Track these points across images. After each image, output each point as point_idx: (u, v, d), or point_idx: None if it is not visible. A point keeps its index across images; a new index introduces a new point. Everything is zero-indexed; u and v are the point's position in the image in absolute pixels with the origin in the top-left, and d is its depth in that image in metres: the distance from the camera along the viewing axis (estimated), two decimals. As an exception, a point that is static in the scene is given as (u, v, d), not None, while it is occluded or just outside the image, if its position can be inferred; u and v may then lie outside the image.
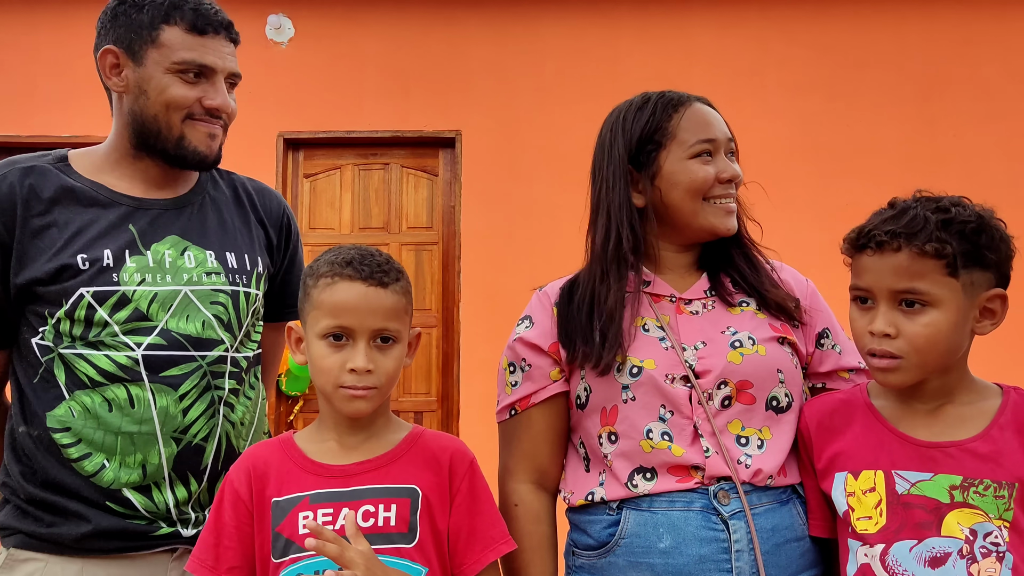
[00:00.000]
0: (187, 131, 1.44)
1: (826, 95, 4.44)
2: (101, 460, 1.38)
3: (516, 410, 1.42)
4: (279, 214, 1.62)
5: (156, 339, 1.39)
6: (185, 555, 1.38)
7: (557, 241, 4.51)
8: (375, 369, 1.22)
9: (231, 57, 1.48)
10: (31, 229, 1.39)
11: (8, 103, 4.46)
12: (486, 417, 4.20)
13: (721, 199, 1.39)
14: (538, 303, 1.47)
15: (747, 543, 1.27)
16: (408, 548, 1.21)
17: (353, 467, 1.25)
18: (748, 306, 1.41)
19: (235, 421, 1.47)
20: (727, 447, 1.30)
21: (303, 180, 4.59)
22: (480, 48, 4.54)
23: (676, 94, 1.44)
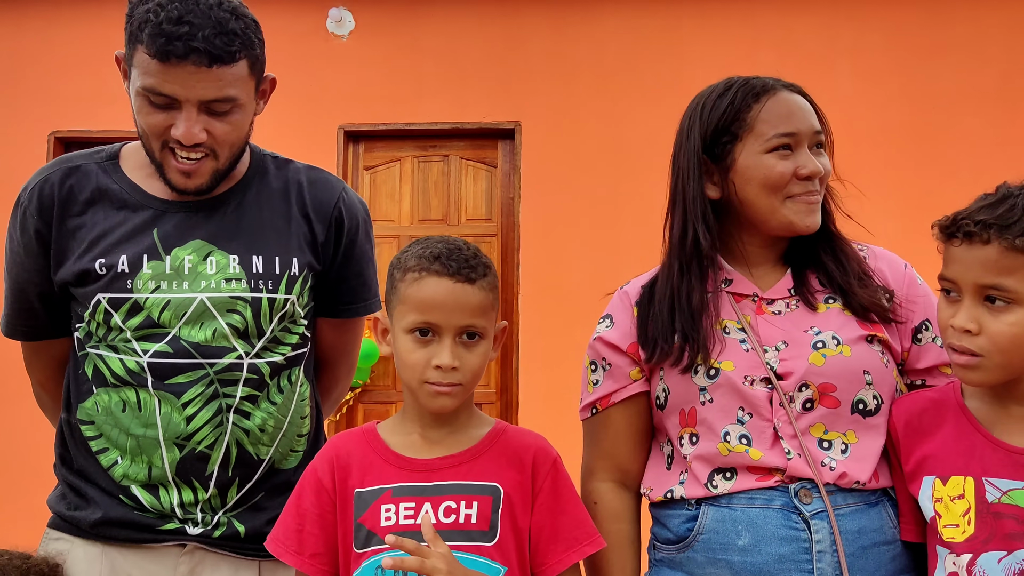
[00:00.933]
0: (164, 161, 1.37)
1: (900, 82, 4.29)
2: (115, 456, 1.41)
3: (597, 408, 1.42)
4: (329, 208, 1.51)
5: (163, 347, 1.38)
6: (195, 551, 1.41)
7: (618, 232, 4.47)
8: (460, 366, 1.21)
9: (206, 84, 1.31)
10: (67, 229, 1.41)
11: (80, 99, 4.58)
12: (545, 409, 4.21)
13: (801, 196, 1.32)
14: (619, 302, 1.44)
15: (830, 544, 1.23)
16: (488, 547, 1.20)
17: (436, 462, 1.24)
18: (834, 303, 1.35)
19: (251, 428, 1.42)
20: (809, 450, 1.26)
21: (363, 172, 4.62)
22: (539, 38, 4.51)
23: (761, 81, 1.37)
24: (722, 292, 1.36)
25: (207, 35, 1.29)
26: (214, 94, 1.32)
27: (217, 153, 1.38)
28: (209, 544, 1.41)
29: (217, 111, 1.35)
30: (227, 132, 1.37)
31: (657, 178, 5.18)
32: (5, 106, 4.62)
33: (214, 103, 1.34)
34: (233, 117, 1.37)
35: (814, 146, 1.34)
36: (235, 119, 1.38)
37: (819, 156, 1.35)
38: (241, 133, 1.42)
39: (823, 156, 1.35)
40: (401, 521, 1.20)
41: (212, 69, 1.30)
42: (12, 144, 4.57)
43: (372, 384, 4.48)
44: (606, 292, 1.52)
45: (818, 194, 1.34)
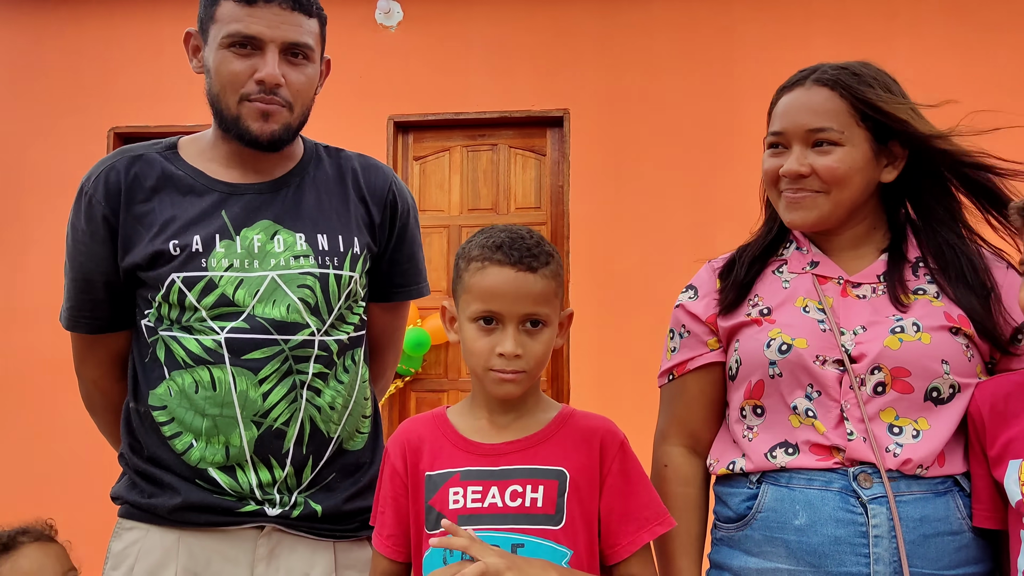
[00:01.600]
0: (242, 111, 1.43)
1: (960, 60, 4.16)
2: (190, 440, 1.43)
3: (673, 375, 1.45)
4: (384, 191, 1.58)
5: (240, 323, 1.41)
6: (273, 532, 1.44)
7: (668, 220, 4.43)
8: (524, 353, 1.23)
9: (288, 26, 1.41)
10: (134, 215, 1.45)
11: (138, 95, 4.69)
12: (596, 397, 4.21)
13: (785, 193, 1.35)
14: (705, 273, 1.48)
15: (888, 529, 1.22)
16: (554, 530, 1.22)
17: (503, 446, 1.27)
18: (924, 294, 1.32)
19: (322, 405, 1.46)
20: (875, 434, 1.25)
21: (412, 162, 4.64)
22: (587, 24, 4.47)
23: (796, 75, 1.37)
24: (806, 274, 1.37)
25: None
26: (295, 36, 1.42)
27: (292, 105, 1.45)
28: (287, 525, 1.44)
29: (295, 58, 1.43)
30: (302, 83, 1.45)
31: (708, 164, 5.17)
32: (66, 103, 4.75)
33: (293, 47, 1.43)
34: (307, 69, 1.46)
35: (814, 144, 1.32)
36: (308, 72, 1.46)
37: (822, 154, 1.31)
38: (310, 90, 1.49)
39: (827, 154, 1.31)
40: (469, 504, 1.23)
41: (294, 13, 1.42)
42: (73, 140, 4.70)
43: (424, 373, 4.52)
44: (656, 279, 1.53)
45: (804, 191, 1.33)
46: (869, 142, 1.32)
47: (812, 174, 1.32)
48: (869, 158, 1.33)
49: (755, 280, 1.40)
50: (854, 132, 1.31)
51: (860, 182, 1.33)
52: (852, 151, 1.31)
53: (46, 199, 4.66)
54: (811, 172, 1.32)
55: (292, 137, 1.49)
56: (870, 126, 1.32)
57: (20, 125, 4.76)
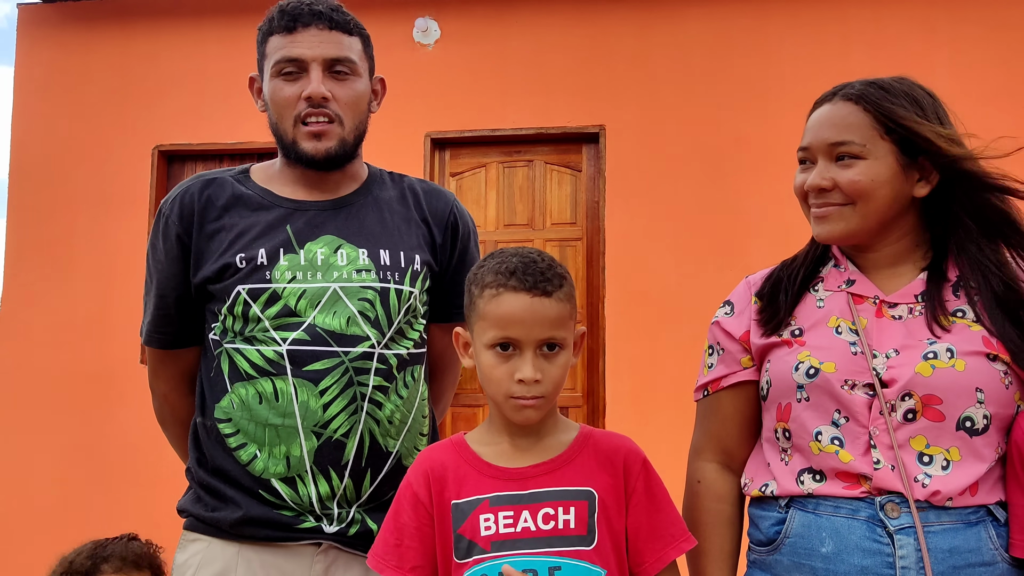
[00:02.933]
0: (297, 135, 1.52)
1: (1003, 74, 4.11)
2: (254, 450, 1.46)
3: (708, 391, 1.45)
4: (445, 213, 1.63)
5: (301, 334, 1.45)
6: (330, 550, 1.46)
7: (703, 237, 4.41)
8: (543, 378, 1.22)
9: (328, 44, 1.50)
10: (206, 233, 1.52)
11: (182, 114, 4.79)
12: (632, 413, 4.19)
13: (812, 207, 1.35)
14: (742, 290, 1.47)
15: (915, 561, 1.19)
16: (587, 551, 1.22)
17: (529, 469, 1.26)
18: (963, 317, 1.28)
19: (381, 419, 1.49)
20: (904, 462, 1.22)
21: (449, 178, 4.68)
22: (623, 41, 4.49)
23: (828, 92, 1.36)
24: (841, 292, 1.36)
25: (326, 7, 1.52)
26: (335, 52, 1.51)
27: (342, 119, 1.52)
28: (343, 543, 1.46)
29: (338, 73, 1.51)
30: (350, 97, 1.53)
31: (744, 181, 5.14)
32: (113, 121, 4.86)
33: (336, 63, 1.51)
34: (354, 84, 1.54)
35: (838, 158, 1.31)
36: (356, 86, 1.54)
37: (844, 168, 1.30)
38: (361, 104, 1.56)
39: (849, 167, 1.30)
40: (501, 530, 1.22)
41: (333, 32, 1.51)
42: (119, 157, 4.81)
43: (460, 387, 4.53)
44: (691, 295, 1.53)
45: (828, 206, 1.32)
46: (895, 155, 1.30)
47: (835, 188, 1.31)
48: (895, 171, 1.30)
49: (798, 302, 1.39)
50: (877, 145, 1.29)
51: (886, 195, 1.30)
52: (875, 164, 1.29)
53: (93, 216, 4.77)
54: (833, 186, 1.30)
55: (350, 152, 1.55)
56: (896, 139, 1.29)
57: (67, 143, 4.88)
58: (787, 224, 4.40)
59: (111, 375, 4.61)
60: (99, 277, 4.72)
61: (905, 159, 1.30)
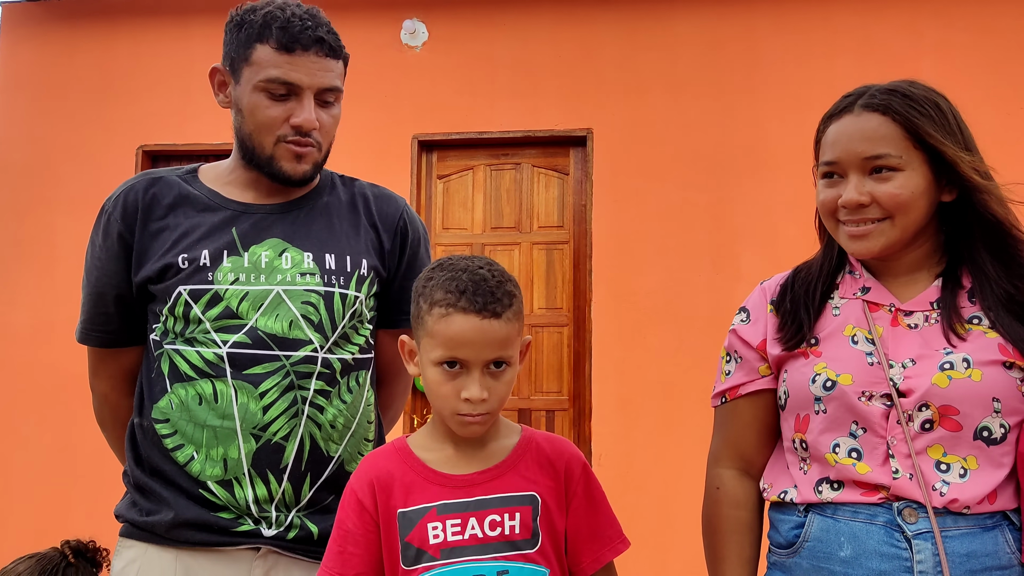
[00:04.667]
0: (276, 152, 1.49)
1: (989, 80, 4.13)
2: (191, 451, 1.45)
3: (726, 398, 1.44)
4: (395, 219, 1.61)
5: (242, 337, 1.44)
6: (269, 554, 1.44)
7: (690, 240, 4.41)
8: (489, 396, 1.24)
9: (323, 72, 1.46)
10: (149, 232, 1.50)
11: (167, 113, 4.76)
12: (618, 416, 4.18)
13: (847, 224, 1.31)
14: (757, 297, 1.46)
15: (933, 565, 1.19)
16: (532, 553, 1.26)
17: (475, 476, 1.29)
18: (979, 324, 1.28)
19: (323, 423, 1.47)
20: (922, 470, 1.23)
21: (436, 181, 4.67)
22: (611, 45, 4.49)
23: (844, 101, 1.34)
24: (857, 300, 1.35)
25: (326, 31, 1.47)
26: (330, 82, 1.48)
27: (321, 145, 1.51)
28: (282, 547, 1.44)
29: (326, 102, 1.49)
30: (330, 124, 1.51)
31: (732, 185, 5.17)
32: (96, 120, 4.82)
33: (326, 92, 1.48)
34: (334, 110, 1.52)
35: (872, 171, 1.28)
36: (335, 112, 1.53)
37: (882, 181, 1.28)
38: (335, 128, 1.55)
39: (887, 180, 1.27)
40: (450, 537, 1.25)
41: (327, 59, 1.47)
42: (103, 157, 4.77)
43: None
44: (679, 299, 1.52)
45: (866, 222, 1.29)
46: (928, 164, 1.28)
47: (873, 202, 1.28)
48: (931, 180, 1.29)
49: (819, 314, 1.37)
50: (912, 156, 1.27)
51: (924, 205, 1.29)
52: (913, 175, 1.27)
53: (74, 216, 4.73)
54: (872, 200, 1.28)
55: (318, 172, 1.56)
56: (927, 148, 1.28)
57: (50, 142, 4.83)
58: (775, 227, 4.42)
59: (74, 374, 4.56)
60: (80, 279, 4.66)
61: (936, 166, 1.29)
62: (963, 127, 1.32)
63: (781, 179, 4.10)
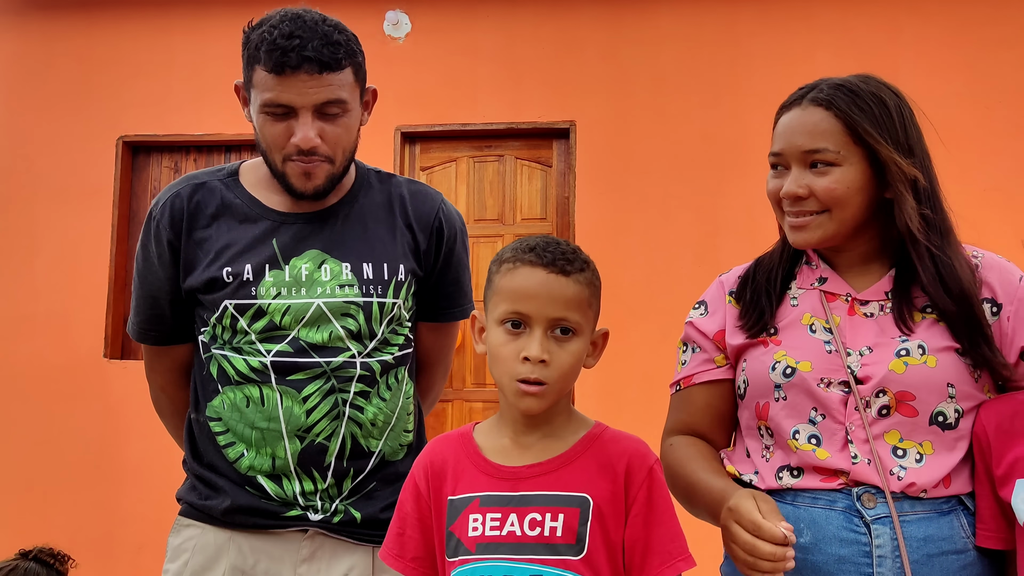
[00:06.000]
0: (286, 169, 1.50)
1: (967, 75, 4.18)
2: (241, 449, 1.52)
3: (681, 386, 1.46)
4: (430, 218, 1.62)
5: (285, 347, 1.50)
6: (316, 536, 1.52)
7: (672, 232, 4.43)
8: (550, 361, 1.17)
9: (318, 89, 1.43)
10: (194, 240, 1.55)
11: (148, 104, 4.72)
12: (601, 408, 4.20)
13: (789, 215, 1.35)
14: (716, 289, 1.48)
15: (891, 550, 1.22)
16: (574, 560, 1.15)
17: (524, 470, 1.21)
18: (931, 312, 1.31)
19: (363, 422, 1.53)
20: (880, 455, 1.25)
21: (419, 173, 4.66)
22: (594, 37, 4.50)
23: (795, 95, 1.36)
24: (814, 290, 1.37)
25: (316, 46, 1.42)
26: (325, 97, 1.45)
27: (332, 157, 1.50)
28: (328, 530, 1.52)
29: (329, 114, 1.47)
30: (339, 135, 1.49)
31: (714, 177, 5.20)
32: (75, 111, 4.78)
33: (326, 106, 1.46)
34: (343, 120, 1.49)
35: (812, 164, 1.31)
36: (345, 122, 1.50)
37: (819, 175, 1.30)
38: (351, 137, 1.54)
39: (824, 175, 1.30)
40: (487, 532, 1.18)
41: (323, 76, 1.43)
42: (83, 148, 4.73)
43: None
44: (661, 291, 1.53)
45: (804, 214, 1.32)
46: (867, 161, 1.31)
47: (811, 195, 1.31)
48: (868, 177, 1.31)
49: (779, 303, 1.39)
50: (850, 151, 1.30)
51: (861, 201, 1.31)
52: (849, 170, 1.30)
53: (54, 207, 4.69)
54: (809, 193, 1.30)
55: (339, 181, 1.56)
56: (866, 145, 1.30)
57: (29, 133, 4.79)
58: (756, 219, 4.44)
59: (73, 369, 4.54)
60: (61, 270, 4.64)
61: (875, 165, 1.31)
62: (909, 125, 1.33)
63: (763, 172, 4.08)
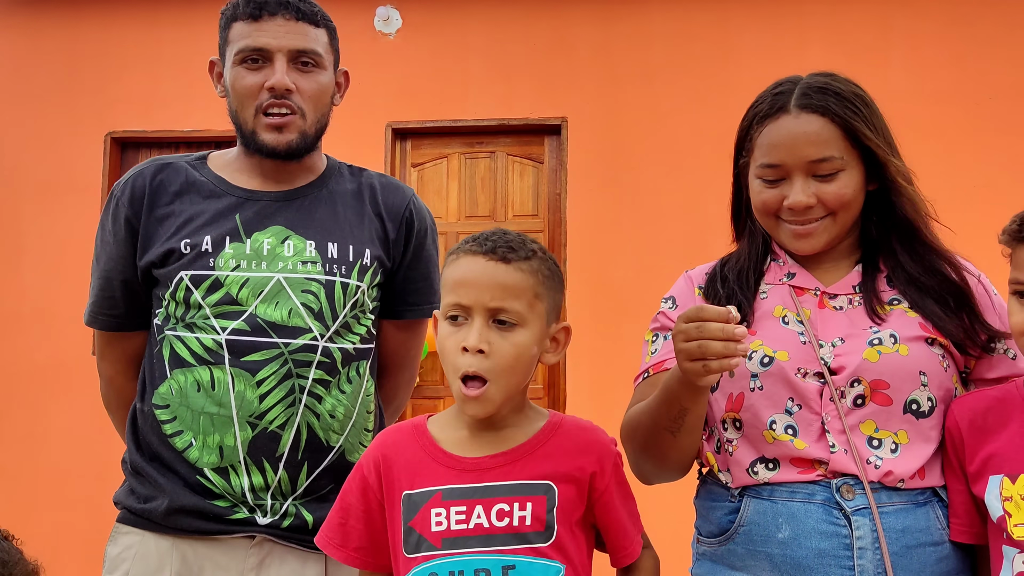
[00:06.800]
0: (257, 124, 1.50)
1: (957, 72, 4.19)
2: (189, 438, 1.46)
3: (650, 373, 1.42)
4: (400, 209, 1.61)
5: (241, 324, 1.44)
6: (264, 543, 1.45)
7: (664, 228, 4.43)
8: (490, 352, 1.13)
9: (293, 35, 1.48)
10: (155, 217, 1.52)
11: (136, 100, 4.69)
12: (592, 404, 4.20)
13: (791, 223, 1.33)
14: (684, 284, 1.47)
15: (871, 541, 1.21)
16: (544, 547, 1.15)
17: (487, 460, 1.19)
18: (899, 304, 1.32)
19: (321, 412, 1.47)
20: (857, 446, 1.25)
21: (411, 169, 4.65)
22: (585, 33, 4.49)
23: (778, 100, 1.34)
24: (783, 285, 1.37)
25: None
26: (302, 44, 1.49)
27: (304, 112, 1.50)
28: (277, 536, 1.45)
29: (303, 64, 1.50)
30: (312, 91, 1.51)
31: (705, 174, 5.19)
32: (62, 107, 4.74)
33: (302, 55, 1.49)
34: (318, 76, 1.52)
35: (815, 175, 1.30)
36: (320, 79, 1.52)
37: (827, 182, 1.30)
38: (324, 97, 1.55)
39: (832, 181, 1.30)
40: (453, 526, 1.16)
41: (299, 23, 1.49)
42: (70, 144, 4.69)
43: (420, 379, 4.52)
44: (652, 287, 1.52)
45: (812, 222, 1.32)
46: (862, 160, 1.33)
47: (818, 203, 1.31)
48: (864, 175, 1.34)
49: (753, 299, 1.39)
50: (851, 155, 1.31)
51: (861, 200, 1.35)
52: (853, 173, 1.31)
53: (42, 203, 4.66)
54: (817, 201, 1.31)
55: (310, 145, 1.54)
56: (862, 147, 1.32)
57: (17, 128, 4.75)
58: (746, 217, 4.45)
59: (59, 366, 4.51)
60: (48, 267, 4.61)
61: (868, 163, 1.34)
62: (882, 119, 1.36)
63: (753, 169, 4.13)
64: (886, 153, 1.31)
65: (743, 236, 1.46)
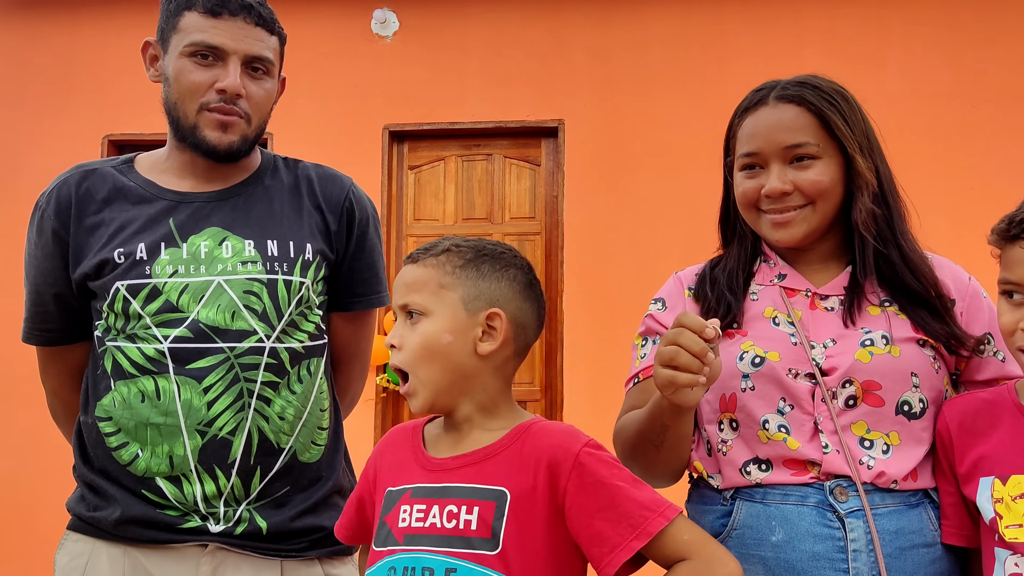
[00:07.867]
0: (200, 120, 1.45)
1: (951, 74, 4.20)
2: (135, 450, 1.42)
3: (640, 378, 1.42)
4: (340, 199, 1.56)
5: (183, 331, 1.40)
6: (217, 551, 1.42)
7: (661, 230, 4.44)
8: (401, 344, 1.19)
9: (250, 40, 1.44)
10: (84, 227, 1.47)
11: (133, 102, 4.68)
12: (590, 407, 4.21)
13: (769, 212, 1.34)
14: (674, 285, 1.47)
15: (866, 543, 1.21)
16: (489, 556, 1.10)
17: (449, 461, 1.19)
18: (890, 306, 1.33)
19: (271, 415, 1.44)
20: (849, 446, 1.25)
21: (408, 172, 4.65)
22: (582, 36, 4.50)
23: (757, 95, 1.37)
24: (774, 286, 1.37)
25: (256, 1, 1.46)
26: (258, 50, 1.46)
27: (250, 117, 1.47)
28: (230, 544, 1.42)
29: (255, 71, 1.47)
30: (261, 97, 1.48)
31: (700, 175, 5.19)
32: (60, 109, 4.74)
33: (255, 61, 1.46)
34: (266, 84, 1.49)
35: (793, 160, 1.31)
36: (267, 86, 1.49)
37: (803, 169, 1.31)
38: (268, 105, 1.52)
39: (808, 168, 1.31)
40: (412, 524, 1.16)
41: (257, 28, 1.46)
42: (66, 147, 4.68)
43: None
44: (650, 290, 1.52)
45: (789, 210, 1.32)
46: (842, 153, 1.33)
47: (795, 190, 1.31)
48: (844, 168, 1.33)
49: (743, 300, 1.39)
50: (827, 145, 1.32)
51: (840, 192, 1.34)
52: (830, 162, 1.32)
53: (40, 206, 4.65)
54: (794, 188, 1.31)
55: (249, 149, 1.50)
56: (839, 139, 1.32)
57: (13, 131, 4.75)
58: (743, 219, 4.45)
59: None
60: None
61: (846, 159, 1.34)
62: (866, 121, 1.36)
63: (750, 171, 4.14)
64: (854, 149, 1.31)
65: (733, 240, 1.46)
